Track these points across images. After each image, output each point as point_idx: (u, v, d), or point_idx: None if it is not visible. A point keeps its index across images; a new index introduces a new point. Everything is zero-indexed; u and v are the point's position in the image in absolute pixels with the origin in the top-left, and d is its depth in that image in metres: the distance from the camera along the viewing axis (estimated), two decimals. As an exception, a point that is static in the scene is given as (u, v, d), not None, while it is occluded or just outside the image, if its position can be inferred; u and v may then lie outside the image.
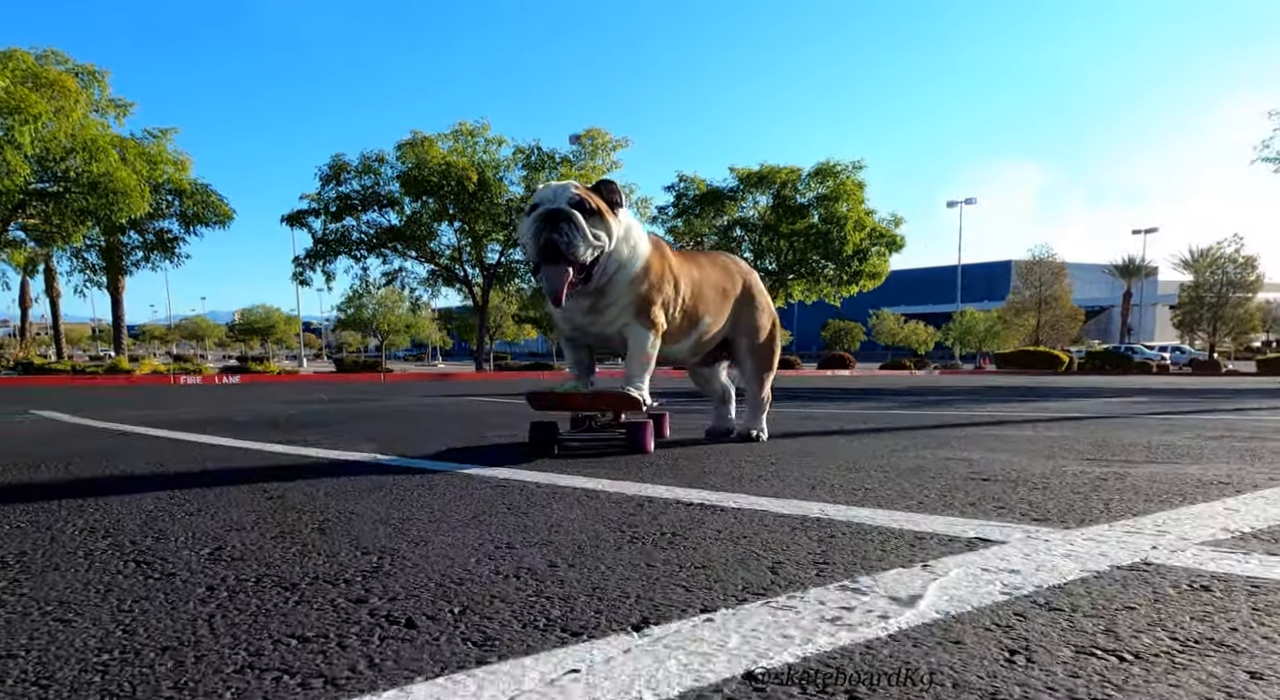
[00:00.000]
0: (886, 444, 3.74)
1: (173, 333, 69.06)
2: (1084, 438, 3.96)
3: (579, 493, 2.36)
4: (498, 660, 1.00)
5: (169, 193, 20.16)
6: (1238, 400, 8.98)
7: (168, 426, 5.18)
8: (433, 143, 22.02)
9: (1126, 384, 16.28)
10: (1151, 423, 5.14)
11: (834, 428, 4.69)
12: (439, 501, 2.23)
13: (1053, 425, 4.99)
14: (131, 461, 3.31)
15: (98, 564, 1.57)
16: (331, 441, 4.22)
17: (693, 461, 3.08)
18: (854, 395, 10.61)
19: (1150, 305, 62.33)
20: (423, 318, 37.47)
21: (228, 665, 1.00)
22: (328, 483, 2.62)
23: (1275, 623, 1.08)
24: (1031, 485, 2.41)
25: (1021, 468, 2.82)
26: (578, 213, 2.92)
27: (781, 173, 26.24)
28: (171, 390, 13.52)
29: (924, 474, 2.70)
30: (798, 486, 2.44)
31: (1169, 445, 3.57)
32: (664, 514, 2.00)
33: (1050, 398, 9.00)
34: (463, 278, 24.86)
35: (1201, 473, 2.63)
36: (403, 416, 5.99)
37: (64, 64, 18.63)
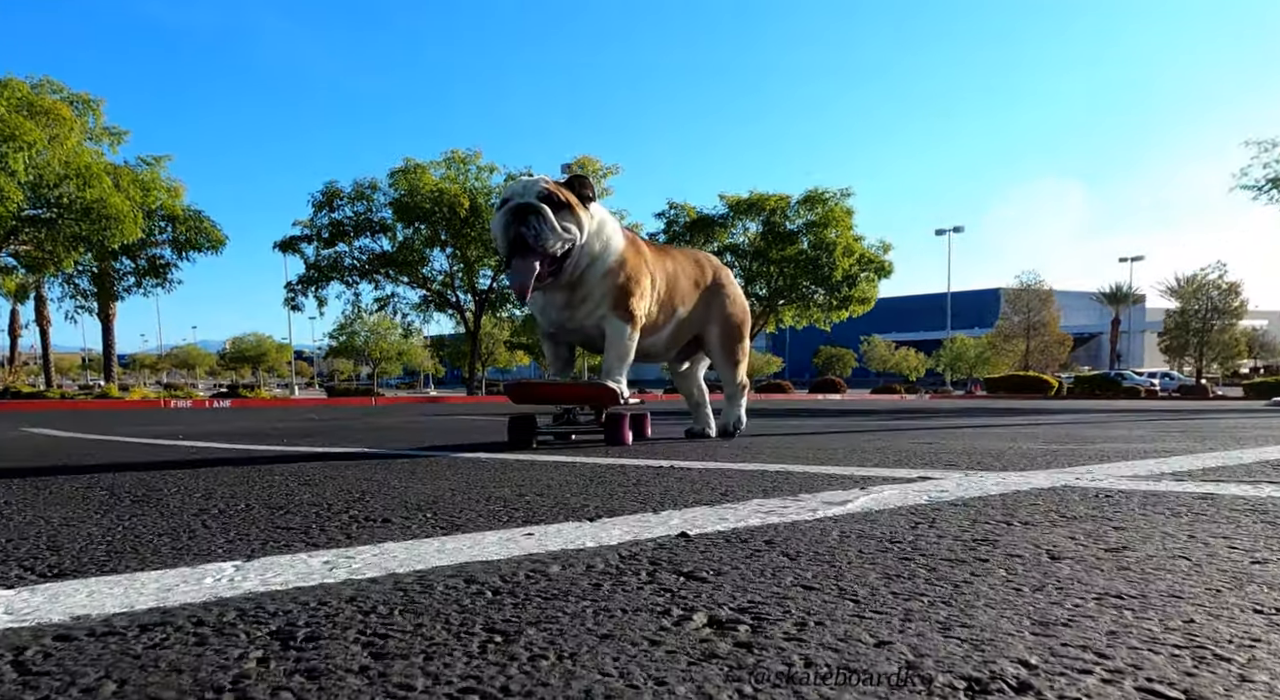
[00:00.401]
0: (861, 438, 3.87)
1: (163, 361, 68.85)
2: (1052, 432, 4.10)
3: (554, 464, 2.48)
4: (462, 534, 1.12)
5: (162, 219, 20.33)
6: (1214, 416, 9.14)
7: (163, 437, 5.27)
8: (425, 170, 22.32)
9: (1114, 406, 16.47)
10: (1123, 423, 5.28)
11: (816, 431, 4.82)
12: (419, 468, 2.35)
13: (1027, 427, 5.13)
14: (127, 456, 3.41)
15: (96, 502, 1.68)
16: (322, 443, 4.32)
17: (670, 446, 3.20)
18: (843, 414, 10.74)
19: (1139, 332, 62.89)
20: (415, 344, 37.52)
21: (218, 539, 1.12)
22: (315, 461, 2.74)
23: (1154, 508, 1.21)
24: (986, 455, 2.54)
25: (982, 448, 2.96)
26: (546, 206, 2.98)
27: (771, 200, 26.62)
28: (162, 413, 13.55)
29: (890, 451, 2.83)
30: (766, 458, 2.57)
31: (1130, 436, 3.71)
32: (633, 472, 2.12)
33: (1036, 415, 9.15)
34: (455, 303, 25.02)
35: (1150, 447, 2.77)
36: (393, 429, 6.10)
37: (59, 93, 18.90)
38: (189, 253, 20.69)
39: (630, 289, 3.22)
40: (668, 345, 3.65)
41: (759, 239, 27.05)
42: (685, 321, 3.61)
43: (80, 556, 1.01)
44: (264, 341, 48.76)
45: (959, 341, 43.54)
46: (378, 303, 25.36)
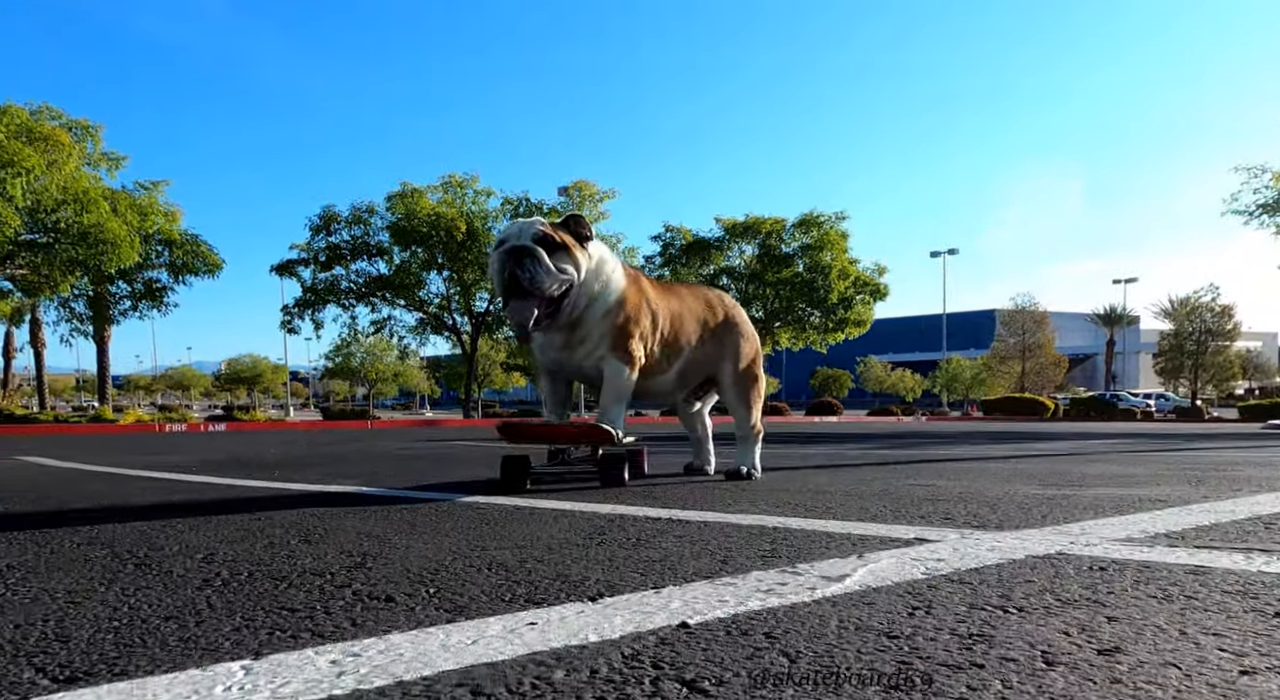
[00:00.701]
0: (858, 475, 3.88)
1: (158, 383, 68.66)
2: (1047, 469, 4.12)
3: (554, 512, 2.49)
4: (466, 620, 1.13)
5: (159, 243, 20.39)
6: (1212, 442, 9.17)
7: (157, 469, 5.26)
8: (422, 194, 22.45)
9: (1109, 429, 16.51)
10: (1119, 457, 5.31)
11: (812, 465, 4.83)
12: (420, 519, 2.36)
13: (1024, 460, 5.14)
14: (123, 495, 3.41)
15: (99, 566, 1.69)
16: (316, 478, 4.32)
17: (668, 489, 3.21)
18: (840, 439, 10.75)
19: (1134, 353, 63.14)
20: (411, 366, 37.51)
21: (225, 626, 1.13)
22: (313, 506, 2.74)
23: (1147, 588, 1.23)
24: (981, 503, 2.56)
25: (977, 491, 2.98)
26: (541, 248, 2.98)
27: (766, 223, 26.80)
28: (156, 438, 13.50)
29: (886, 496, 2.85)
30: (763, 506, 2.58)
31: (1125, 474, 3.73)
32: (632, 526, 2.14)
33: (1031, 440, 9.18)
34: (451, 326, 25.06)
35: (1144, 494, 2.79)
36: (390, 457, 6.10)
37: (58, 119, 19.01)
38: (185, 276, 20.74)
39: (629, 329, 3.20)
40: (676, 385, 3.61)
41: (755, 262, 27.20)
42: (693, 361, 3.55)
43: (89, 652, 1.02)
44: (259, 363, 48.68)
45: (955, 363, 43.65)
46: (374, 325, 25.40)
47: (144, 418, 21.36)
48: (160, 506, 2.85)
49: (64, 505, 2.93)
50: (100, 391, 25.43)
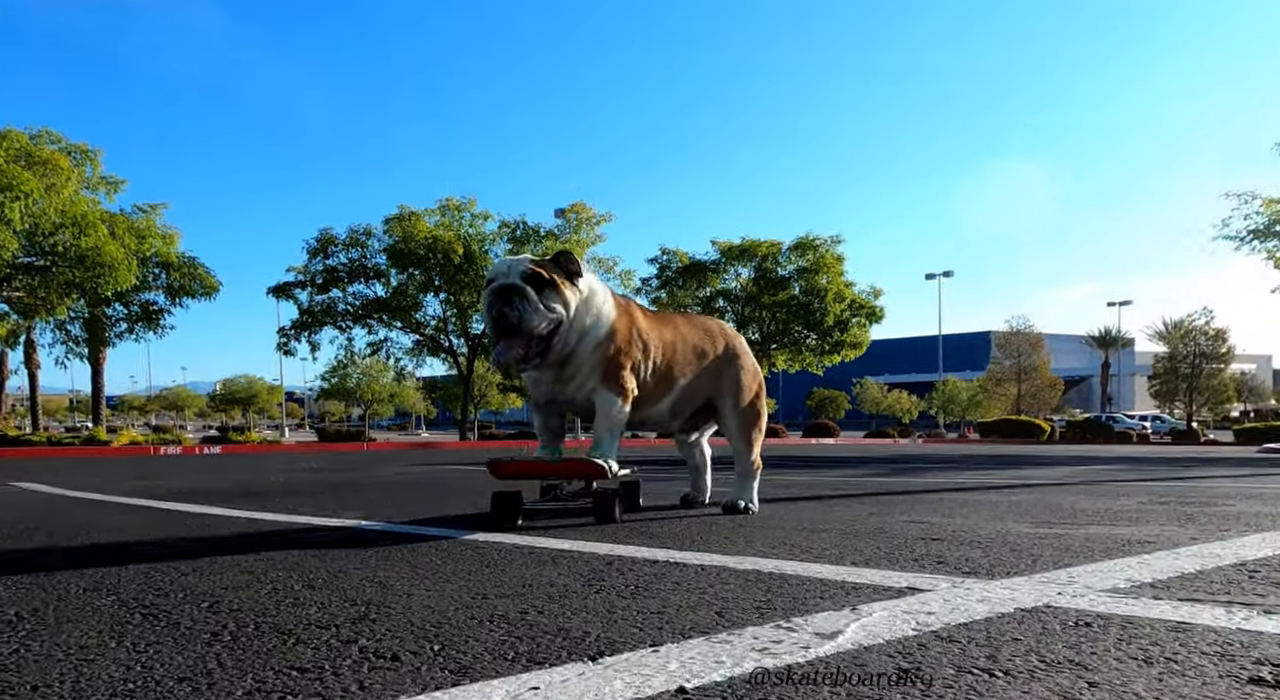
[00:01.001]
0: (853, 510, 3.92)
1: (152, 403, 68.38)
2: (1040, 502, 4.17)
3: (552, 553, 2.52)
4: (470, 682, 1.17)
5: (156, 265, 20.47)
6: (1206, 469, 9.22)
7: (152, 496, 5.28)
8: (420, 217, 22.60)
9: (1105, 452, 16.56)
10: (1111, 488, 5.35)
11: (808, 494, 4.87)
12: (420, 561, 2.39)
13: (1019, 491, 5.19)
14: (122, 530, 3.43)
15: (107, 616, 1.73)
16: (316, 509, 4.34)
17: (665, 524, 3.24)
18: (836, 463, 10.77)
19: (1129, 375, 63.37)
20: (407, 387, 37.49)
21: (237, 690, 1.17)
22: (314, 546, 2.77)
23: (1128, 648, 1.28)
24: (974, 544, 2.61)
25: (970, 529, 3.02)
26: (530, 287, 3.01)
27: (762, 246, 27.00)
28: (151, 461, 13.46)
29: (881, 535, 2.89)
30: (759, 546, 2.62)
31: (1116, 509, 3.78)
32: (630, 570, 2.17)
33: (1027, 466, 9.21)
34: (448, 348, 25.11)
35: (1133, 534, 2.83)
36: (387, 486, 6.11)
37: (57, 143, 19.17)
38: (182, 299, 20.80)
39: (620, 360, 3.22)
40: (669, 416, 3.62)
41: (751, 284, 27.37)
42: (688, 392, 3.55)
43: (108, 717, 1.06)
44: (255, 383, 48.58)
45: (951, 384, 43.76)
46: (371, 347, 25.44)
47: (138, 439, 21.29)
48: (161, 543, 2.88)
49: (64, 541, 2.95)
50: (94, 413, 25.37)
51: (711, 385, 3.60)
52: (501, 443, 24.36)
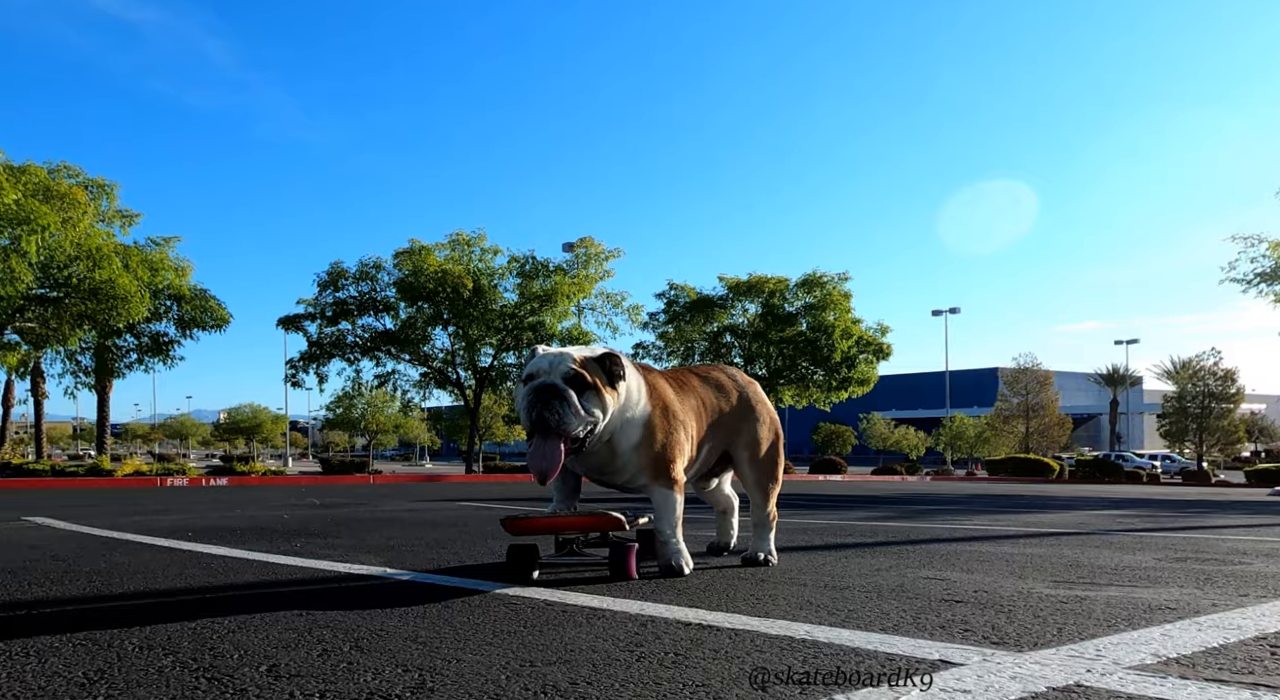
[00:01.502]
0: (871, 562, 3.98)
1: (156, 432, 68.48)
2: (1057, 557, 4.22)
3: (585, 611, 2.60)
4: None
5: (168, 297, 20.72)
6: (1219, 516, 9.22)
7: (168, 535, 5.34)
8: (430, 251, 22.89)
9: (1116, 494, 16.49)
10: (1127, 540, 5.39)
11: (823, 543, 4.92)
12: (458, 620, 2.47)
13: (1033, 541, 5.23)
14: (150, 574, 3.50)
15: (174, 681, 1.81)
16: (337, 552, 4.41)
17: (688, 581, 3.31)
18: (847, 503, 10.77)
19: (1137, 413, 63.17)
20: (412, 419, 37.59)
21: (326, 767, 1.25)
22: (348, 599, 2.85)
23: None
24: (998, 608, 2.67)
25: (992, 589, 3.08)
26: (571, 390, 2.97)
27: (770, 282, 27.21)
28: (157, 493, 13.51)
29: (903, 595, 2.95)
30: (785, 606, 2.69)
31: (1134, 567, 3.83)
32: (666, 634, 2.25)
33: (1039, 509, 9.22)
34: (455, 380, 25.23)
35: (1153, 597, 2.89)
36: (402, 524, 6.15)
37: (75, 177, 19.56)
38: (193, 330, 21.03)
39: (668, 455, 3.24)
40: (694, 473, 3.69)
41: (758, 320, 27.53)
42: (709, 452, 3.64)
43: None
44: (260, 413, 48.72)
45: (958, 421, 43.67)
46: (378, 379, 25.57)
47: (142, 468, 21.35)
48: (195, 591, 2.94)
49: (100, 588, 3.03)
50: (99, 442, 25.46)
51: (728, 441, 3.66)
52: (508, 476, 24.34)
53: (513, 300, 23.71)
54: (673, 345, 28.75)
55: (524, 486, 17.00)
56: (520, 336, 23.75)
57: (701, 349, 28.71)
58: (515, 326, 23.65)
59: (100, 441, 25.12)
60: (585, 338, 24.40)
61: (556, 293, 22.83)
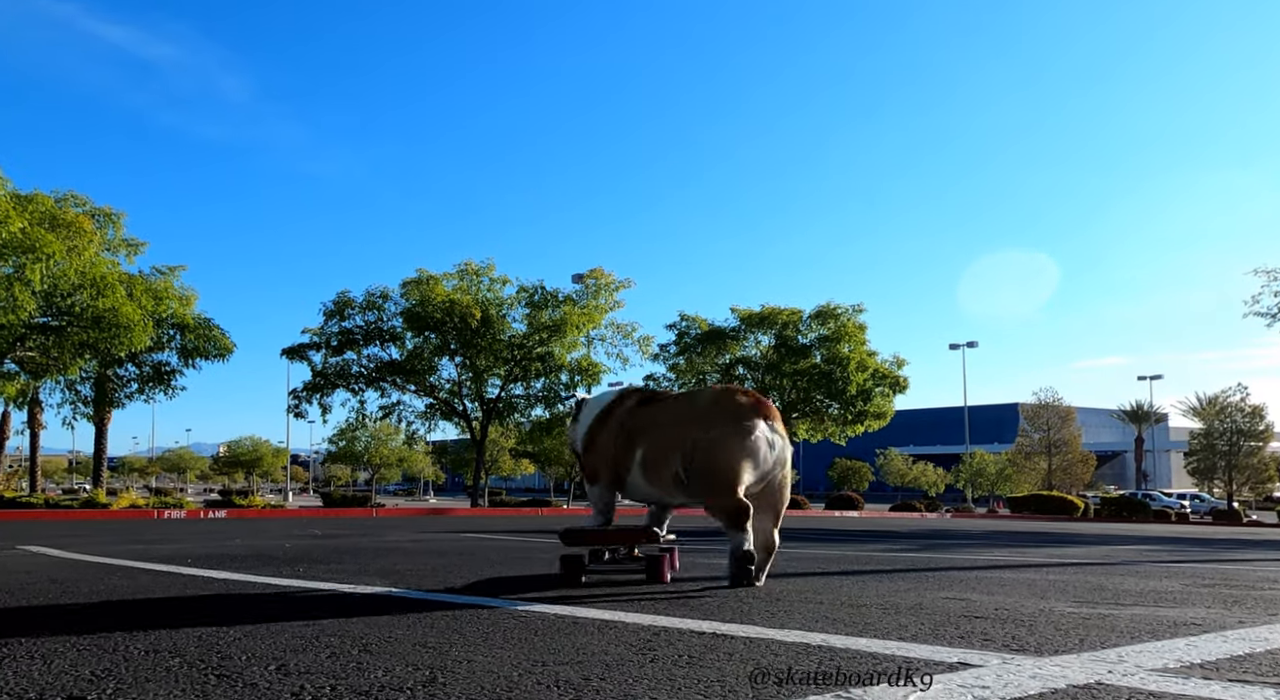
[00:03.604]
0: (889, 585, 3.97)
1: (153, 465, 68.58)
2: (1080, 582, 4.19)
3: (596, 622, 2.61)
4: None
5: (171, 326, 20.95)
6: (1248, 551, 9.11)
7: (166, 561, 5.37)
8: (438, 281, 23.11)
9: (1143, 532, 16.27)
10: (1153, 569, 5.34)
11: (839, 569, 4.90)
12: (466, 628, 2.49)
13: (1055, 570, 5.19)
14: (150, 593, 3.53)
15: (182, 677, 1.84)
16: (340, 576, 4.42)
17: (701, 599, 3.31)
18: (864, 537, 10.68)
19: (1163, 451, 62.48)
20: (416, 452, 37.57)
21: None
22: (354, 612, 2.87)
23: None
24: (1018, 622, 2.67)
25: (1013, 607, 3.08)
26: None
27: (783, 314, 27.28)
28: (155, 525, 13.53)
29: (921, 611, 2.95)
30: (801, 619, 2.70)
31: (1160, 591, 3.81)
32: (679, 640, 2.26)
33: (1063, 544, 9.12)
34: (461, 412, 25.28)
35: (1179, 615, 2.88)
36: (406, 552, 6.16)
37: (82, 206, 19.93)
38: (196, 360, 21.21)
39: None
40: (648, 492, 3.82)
41: (771, 352, 27.54)
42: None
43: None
44: (260, 446, 48.81)
45: (979, 457, 43.28)
46: (383, 410, 25.63)
47: (139, 502, 21.37)
48: (198, 606, 2.98)
49: (99, 603, 3.06)
50: (95, 475, 25.55)
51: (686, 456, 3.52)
52: (514, 510, 24.23)
53: (521, 330, 23.84)
54: (684, 377, 28.76)
55: (531, 520, 16.92)
56: (529, 367, 23.85)
57: (713, 381, 28.72)
58: (524, 357, 23.75)
59: (96, 474, 25.20)
60: (595, 369, 24.46)
61: (566, 323, 22.96)
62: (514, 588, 3.88)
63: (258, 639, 2.33)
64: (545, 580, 4.02)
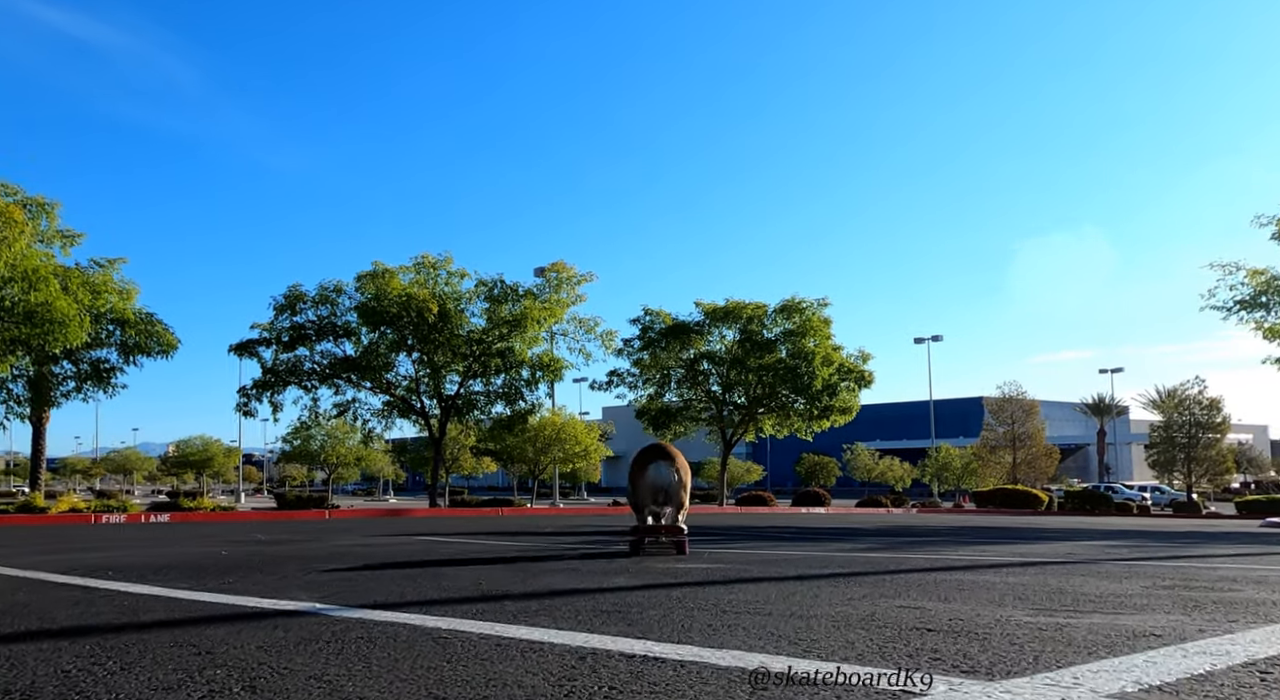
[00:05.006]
0: (845, 592, 3.85)
1: (98, 466, 66.60)
2: (1040, 585, 4.11)
3: (520, 644, 2.43)
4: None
5: (110, 322, 20.23)
6: (1209, 546, 9.22)
7: (88, 573, 5.07)
8: (394, 274, 22.63)
9: (1105, 525, 16.47)
10: (1114, 569, 5.31)
11: (797, 573, 4.77)
12: (377, 655, 2.30)
13: (1017, 570, 5.13)
14: (46, 614, 3.28)
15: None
16: (268, 588, 4.19)
17: (646, 610, 3.15)
18: (828, 535, 10.62)
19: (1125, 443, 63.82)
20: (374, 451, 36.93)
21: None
22: (261, 635, 2.66)
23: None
24: (971, 636, 2.55)
25: (968, 617, 2.96)
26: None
27: (747, 308, 27.24)
28: (91, 530, 13.03)
29: (873, 624, 2.82)
30: (743, 636, 2.55)
31: (1120, 594, 3.74)
32: (604, 667, 2.10)
33: (1026, 540, 9.12)
34: (419, 410, 24.85)
35: (1138, 624, 2.79)
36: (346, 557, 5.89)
37: (14, 195, 19.11)
38: (137, 357, 20.51)
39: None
40: None
41: (736, 347, 27.51)
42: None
43: None
44: (211, 445, 47.59)
45: (944, 451, 43.82)
46: (337, 408, 25.11)
47: (79, 506, 20.67)
48: (91, 631, 2.74)
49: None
50: (33, 477, 24.67)
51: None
52: (474, 510, 23.93)
53: (480, 325, 23.47)
54: (648, 372, 28.60)
55: (491, 521, 16.67)
56: (488, 363, 23.49)
57: (677, 376, 28.60)
58: (483, 353, 23.40)
59: (34, 477, 24.33)
60: (557, 365, 24.18)
61: (526, 318, 22.65)
62: (449, 600, 3.69)
63: (133, 674, 2.11)
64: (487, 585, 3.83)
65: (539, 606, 3.45)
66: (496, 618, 3.11)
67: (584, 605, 3.44)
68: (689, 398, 29.18)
